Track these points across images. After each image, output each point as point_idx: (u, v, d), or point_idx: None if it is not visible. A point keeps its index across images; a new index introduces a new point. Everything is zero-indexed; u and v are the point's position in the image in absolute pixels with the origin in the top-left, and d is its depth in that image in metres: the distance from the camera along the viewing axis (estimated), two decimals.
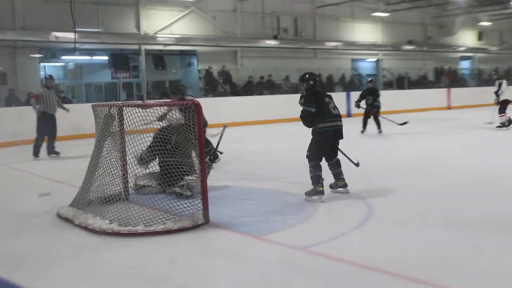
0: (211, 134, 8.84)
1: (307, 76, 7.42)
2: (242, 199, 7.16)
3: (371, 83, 15.60)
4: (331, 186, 7.30)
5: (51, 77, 12.45)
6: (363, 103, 14.90)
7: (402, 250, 4.94)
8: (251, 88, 22.64)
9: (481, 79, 31.50)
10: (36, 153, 11.68)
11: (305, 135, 7.49)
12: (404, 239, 5.29)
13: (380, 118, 14.67)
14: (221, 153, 8.32)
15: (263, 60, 23.53)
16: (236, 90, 22.34)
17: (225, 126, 8.32)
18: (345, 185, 7.21)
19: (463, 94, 26.51)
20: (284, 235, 5.45)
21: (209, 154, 8.02)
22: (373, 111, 14.70)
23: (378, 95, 14.91)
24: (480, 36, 33.60)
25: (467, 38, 32.92)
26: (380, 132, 14.55)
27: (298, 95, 7.36)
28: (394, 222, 5.89)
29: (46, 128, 11.74)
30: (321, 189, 6.83)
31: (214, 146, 8.74)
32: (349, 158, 7.67)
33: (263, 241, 5.28)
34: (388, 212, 6.28)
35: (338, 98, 22.16)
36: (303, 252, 4.91)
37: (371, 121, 14.85)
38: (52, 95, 11.87)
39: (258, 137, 15.16)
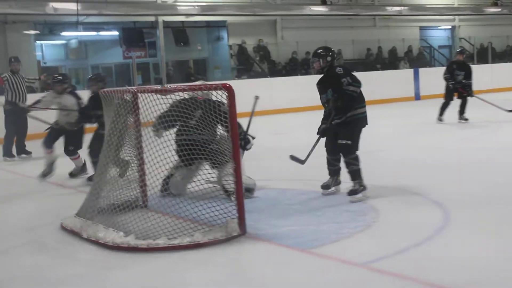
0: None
1: (322, 51, 7.45)
2: (284, 203, 7.19)
3: (462, 54, 14.97)
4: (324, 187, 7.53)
5: (16, 59, 12.80)
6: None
7: (489, 266, 4.91)
8: (294, 66, 22.62)
9: None
10: (7, 153, 12.08)
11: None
12: (488, 251, 5.25)
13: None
14: (253, 137, 8.24)
15: (309, 31, 23.45)
16: (276, 69, 22.34)
17: (256, 97, 8.19)
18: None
19: None
20: (339, 248, 5.46)
21: (239, 139, 7.97)
22: (466, 91, 14.15)
23: (470, 71, 14.40)
24: None
25: None
26: (465, 120, 14.23)
27: (359, 74, 7.39)
28: (475, 229, 5.85)
29: (15, 122, 12.16)
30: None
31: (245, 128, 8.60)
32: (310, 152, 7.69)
33: (313, 256, 5.30)
34: (467, 217, 6.23)
35: (404, 76, 22.20)
36: (364, 269, 4.91)
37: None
38: (20, 80, 12.26)
39: (302, 127, 15.11)
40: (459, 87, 14.19)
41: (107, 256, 5.59)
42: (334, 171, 7.47)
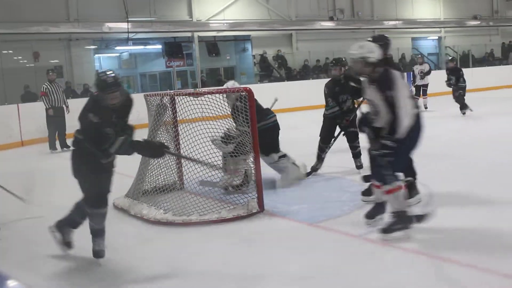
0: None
1: (344, 60, 7.48)
2: (297, 186, 7.16)
3: (452, 62, 14.90)
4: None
5: (52, 70, 12.94)
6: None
7: (467, 237, 4.88)
8: (307, 72, 22.55)
9: None
10: (52, 146, 12.35)
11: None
12: (469, 226, 5.22)
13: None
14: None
15: (319, 42, 23.37)
16: (292, 74, 22.31)
17: (276, 99, 8.11)
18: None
19: None
20: (340, 222, 5.45)
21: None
22: (458, 90, 13.98)
23: (459, 75, 14.10)
24: None
25: None
26: (463, 113, 13.93)
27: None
28: (456, 208, 5.81)
29: (55, 121, 12.31)
30: None
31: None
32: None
33: (318, 229, 5.30)
34: (449, 199, 6.18)
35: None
36: (358, 240, 4.91)
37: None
38: (56, 88, 12.40)
39: (315, 123, 15.06)
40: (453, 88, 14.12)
41: (150, 229, 5.65)
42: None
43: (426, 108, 15.74)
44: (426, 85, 16.07)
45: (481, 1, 28.94)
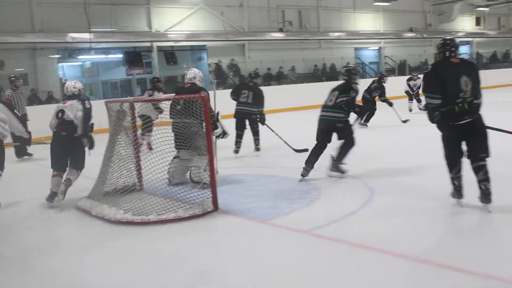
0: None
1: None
2: (251, 186, 7.16)
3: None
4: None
5: (17, 78, 11.71)
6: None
7: (401, 230, 4.95)
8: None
9: (480, 63, 31.19)
10: (18, 154, 11.20)
11: (309, 122, 7.49)
12: (402, 220, 5.29)
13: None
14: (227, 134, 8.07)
15: (270, 52, 23.46)
16: (245, 82, 22.28)
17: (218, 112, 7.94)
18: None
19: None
20: (289, 219, 5.46)
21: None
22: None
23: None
24: (478, 21, 33.23)
25: (465, 24, 32.55)
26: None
27: (308, 85, 7.36)
28: (394, 204, 5.89)
29: None
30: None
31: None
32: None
33: (269, 226, 5.29)
34: (388, 195, 6.26)
35: None
36: (307, 234, 4.92)
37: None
38: (19, 95, 11.45)
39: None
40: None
41: (111, 229, 5.54)
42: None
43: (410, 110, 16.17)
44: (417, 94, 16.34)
45: (416, 15, 29.52)
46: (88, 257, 4.75)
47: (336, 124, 7.25)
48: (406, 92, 16.60)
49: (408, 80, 16.76)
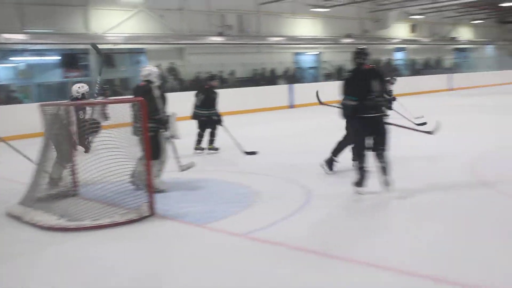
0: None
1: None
2: (189, 189, 7.12)
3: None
4: None
5: None
6: None
7: (335, 232, 5.05)
8: (199, 83, 22.47)
9: (414, 68, 32.15)
10: None
11: (253, 125, 7.51)
12: (339, 222, 5.39)
13: None
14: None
15: (210, 56, 23.41)
16: (184, 85, 22.17)
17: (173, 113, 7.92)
18: None
19: (399, 83, 26.86)
20: (226, 222, 5.47)
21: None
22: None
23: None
24: (412, 29, 34.28)
25: (400, 31, 33.50)
26: None
27: (248, 89, 7.41)
28: (332, 206, 6.00)
29: None
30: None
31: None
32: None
33: (206, 229, 5.29)
34: (325, 198, 6.37)
35: (282, 90, 22.49)
36: (243, 238, 4.95)
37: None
38: None
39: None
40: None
41: (44, 236, 5.40)
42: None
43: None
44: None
45: (354, 22, 30.15)
46: (17, 267, 4.61)
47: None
48: None
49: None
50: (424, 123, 10.80)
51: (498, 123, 13.16)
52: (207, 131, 10.28)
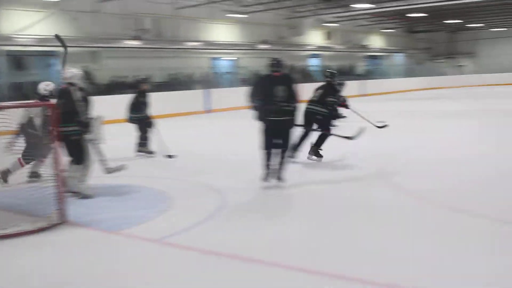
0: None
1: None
2: (104, 195, 6.96)
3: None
4: None
5: None
6: None
7: (250, 236, 5.11)
8: (114, 87, 22.06)
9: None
10: None
11: (169, 130, 7.45)
12: (251, 225, 5.47)
13: None
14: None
15: (126, 60, 23.04)
16: (99, 90, 21.69)
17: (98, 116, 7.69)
18: None
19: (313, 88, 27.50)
20: (141, 228, 5.41)
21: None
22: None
23: None
24: (327, 36, 35.20)
25: (316, 38, 34.33)
26: None
27: (165, 93, 7.40)
28: (244, 210, 6.08)
29: None
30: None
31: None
32: None
33: (120, 236, 5.21)
34: (240, 202, 6.44)
35: (199, 95, 22.46)
36: (158, 244, 4.91)
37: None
38: None
39: (125, 135, 14.86)
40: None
41: None
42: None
43: None
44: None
45: (270, 28, 30.56)
46: None
47: (316, 117, 8.83)
48: None
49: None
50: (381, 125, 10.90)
51: (411, 127, 13.74)
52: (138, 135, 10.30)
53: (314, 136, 9.05)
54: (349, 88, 15.74)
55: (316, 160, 8.92)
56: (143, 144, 10.16)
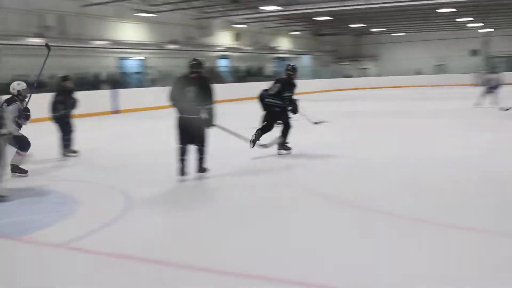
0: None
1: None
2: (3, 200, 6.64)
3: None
4: None
5: None
6: None
7: (159, 235, 5.05)
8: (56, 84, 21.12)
9: (237, 76, 33.22)
10: None
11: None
12: (161, 225, 5.41)
13: None
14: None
15: (28, 58, 22.05)
16: None
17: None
18: None
19: (222, 89, 27.59)
20: (44, 233, 5.21)
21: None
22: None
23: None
24: (236, 37, 35.44)
25: (225, 39, 34.46)
26: None
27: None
28: (155, 209, 6.01)
29: None
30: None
31: None
32: None
33: (19, 242, 4.98)
34: (146, 202, 6.35)
35: (106, 95, 21.95)
36: (62, 248, 4.74)
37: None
38: None
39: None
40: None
41: None
42: None
43: None
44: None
45: (179, 28, 30.32)
46: None
47: (274, 109, 9.29)
48: None
49: None
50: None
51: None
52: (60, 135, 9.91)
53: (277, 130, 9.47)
54: (258, 89, 15.96)
55: (286, 153, 9.36)
56: (66, 146, 9.71)
